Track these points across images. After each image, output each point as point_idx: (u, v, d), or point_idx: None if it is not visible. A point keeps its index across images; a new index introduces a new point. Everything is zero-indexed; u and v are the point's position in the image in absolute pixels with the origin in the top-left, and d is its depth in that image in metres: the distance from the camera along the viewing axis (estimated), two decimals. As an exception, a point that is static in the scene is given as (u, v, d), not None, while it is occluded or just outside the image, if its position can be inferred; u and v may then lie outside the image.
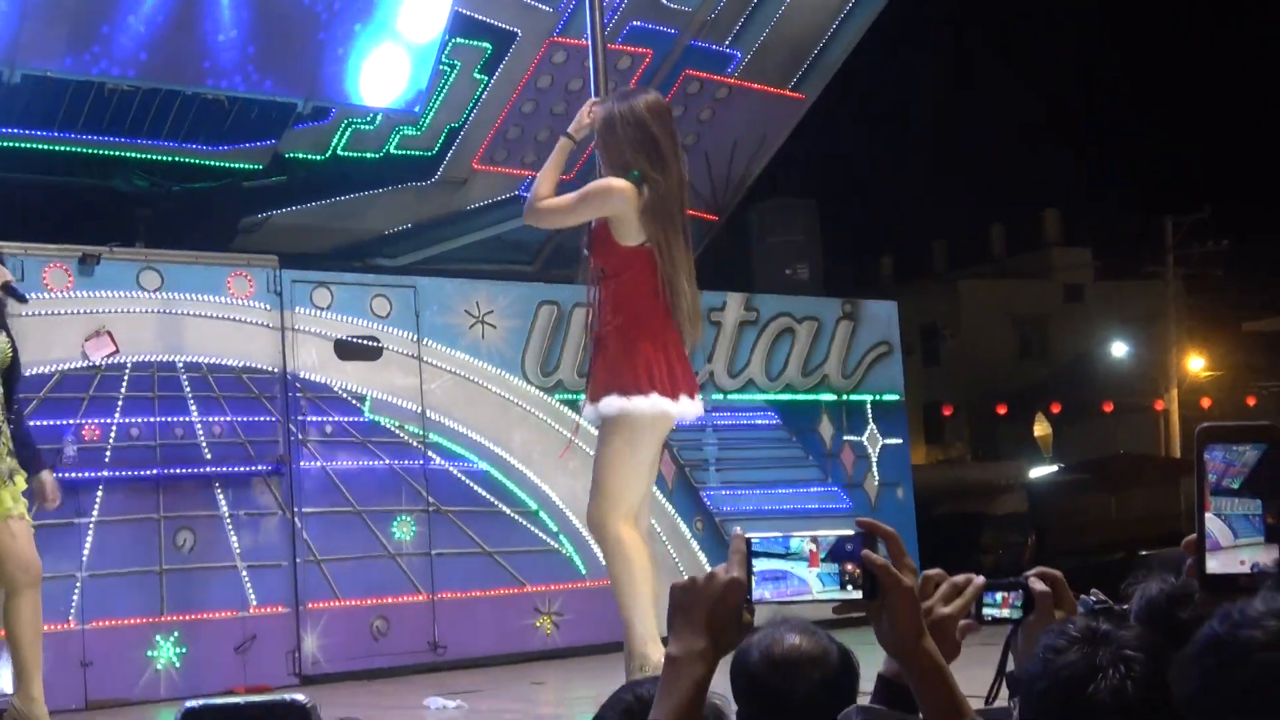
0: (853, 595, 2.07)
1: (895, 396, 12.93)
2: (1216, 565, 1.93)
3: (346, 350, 10.11)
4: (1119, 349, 35.01)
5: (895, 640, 2.10)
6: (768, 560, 2.07)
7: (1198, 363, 32.76)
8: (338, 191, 11.53)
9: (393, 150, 11.56)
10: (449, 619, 10.22)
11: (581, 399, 6.55)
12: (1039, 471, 23.43)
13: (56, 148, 10.28)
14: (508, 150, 11.80)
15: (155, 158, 10.66)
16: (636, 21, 11.79)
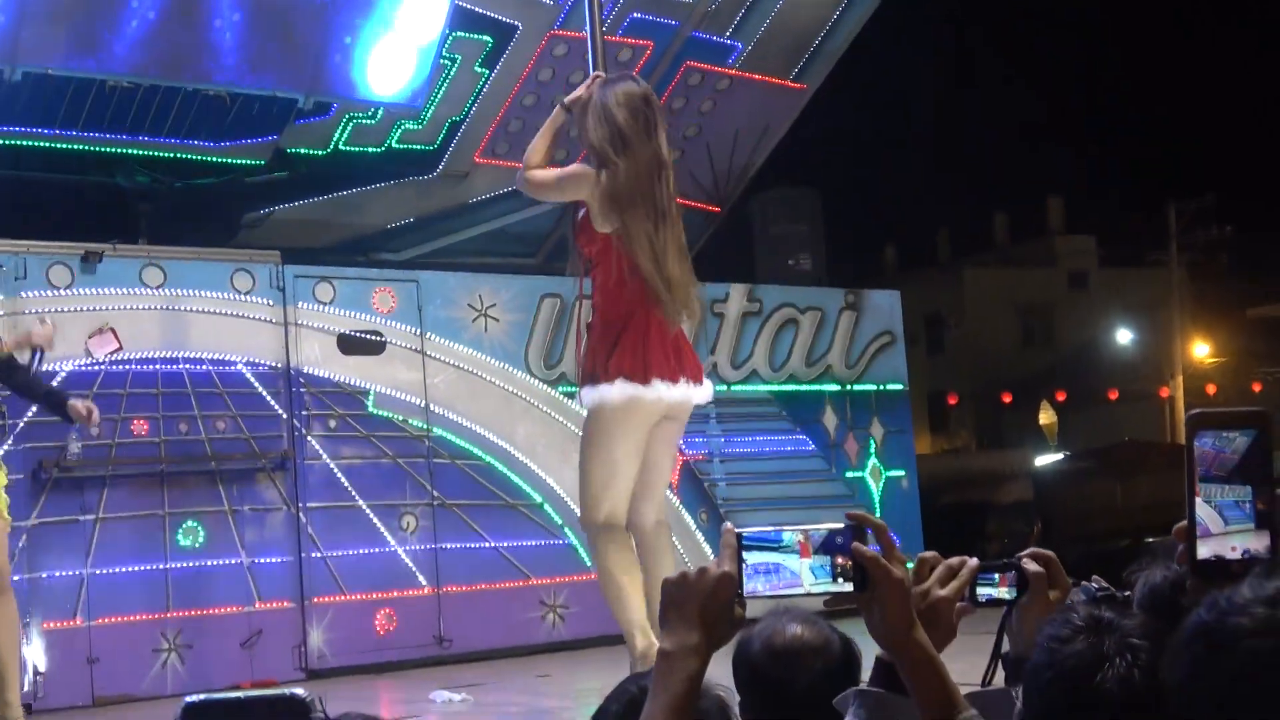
0: (844, 588, 2.08)
1: (899, 386, 12.91)
2: (1207, 552, 1.93)
3: (350, 345, 10.12)
4: (1124, 336, 34.97)
5: (886, 632, 2.11)
6: (759, 553, 2.08)
7: (1202, 349, 32.71)
8: (340, 186, 11.55)
9: (394, 144, 11.57)
10: (454, 613, 10.23)
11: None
12: (1044, 459, 23.32)
13: (58, 145, 10.29)
14: (509, 144, 11.78)
15: (157, 154, 10.67)
16: (637, 13, 11.77)
